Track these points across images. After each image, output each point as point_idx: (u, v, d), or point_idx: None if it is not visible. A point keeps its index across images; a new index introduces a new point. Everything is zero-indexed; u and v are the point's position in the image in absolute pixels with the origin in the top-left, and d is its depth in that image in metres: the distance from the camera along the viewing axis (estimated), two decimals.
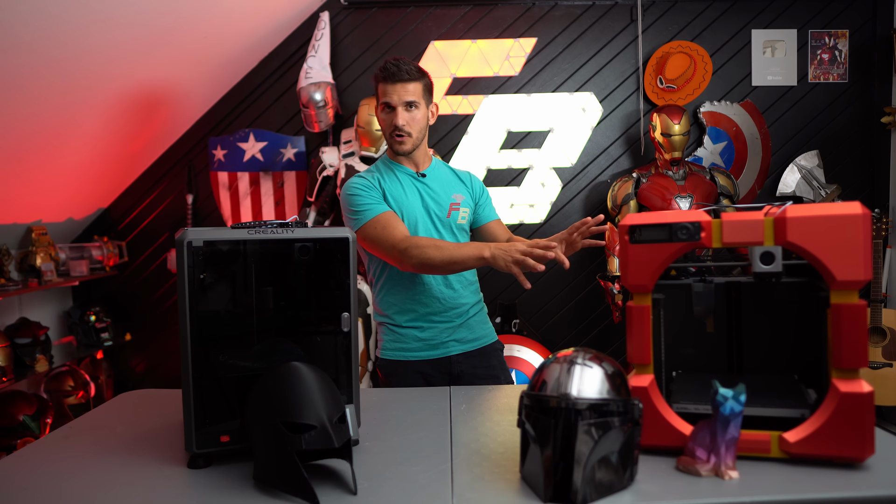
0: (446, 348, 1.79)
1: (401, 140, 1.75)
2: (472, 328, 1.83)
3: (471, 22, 3.57)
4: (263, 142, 3.60)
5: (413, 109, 1.74)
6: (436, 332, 1.78)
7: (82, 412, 2.08)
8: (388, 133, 1.77)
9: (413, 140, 1.76)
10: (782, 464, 1.06)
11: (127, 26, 2.55)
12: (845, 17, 3.54)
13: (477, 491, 1.01)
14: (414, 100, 1.73)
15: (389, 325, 1.81)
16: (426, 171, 1.84)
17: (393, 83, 1.71)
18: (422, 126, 1.78)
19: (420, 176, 1.82)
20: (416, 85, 1.74)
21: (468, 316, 1.82)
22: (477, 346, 1.83)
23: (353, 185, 1.75)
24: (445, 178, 1.87)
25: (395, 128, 1.74)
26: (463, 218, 1.84)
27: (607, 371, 1.01)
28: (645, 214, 1.17)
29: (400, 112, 1.72)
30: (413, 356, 1.78)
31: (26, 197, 3.02)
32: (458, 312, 1.80)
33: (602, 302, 3.60)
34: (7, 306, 3.13)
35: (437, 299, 1.77)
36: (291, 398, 1.04)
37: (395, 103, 1.72)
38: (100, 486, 1.07)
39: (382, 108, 1.76)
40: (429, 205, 1.79)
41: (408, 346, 1.78)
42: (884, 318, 3.13)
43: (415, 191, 1.80)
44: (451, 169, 1.93)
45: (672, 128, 3.16)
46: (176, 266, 1.12)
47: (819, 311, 1.11)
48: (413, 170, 1.82)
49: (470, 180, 1.92)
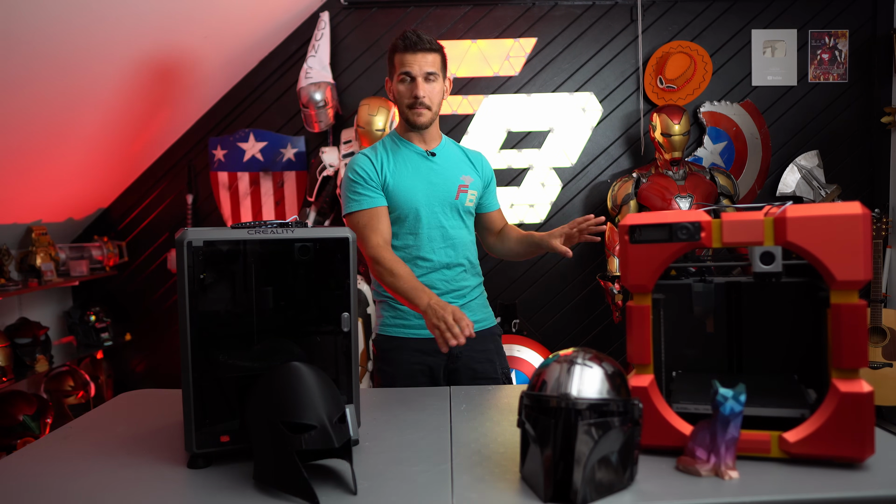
0: None
1: (419, 112, 1.71)
2: (473, 310, 1.81)
3: (471, 22, 3.57)
4: (263, 142, 3.60)
5: (432, 81, 1.72)
6: None
7: (82, 412, 2.08)
8: (406, 104, 1.72)
9: (431, 114, 1.73)
10: (782, 464, 1.06)
11: (127, 26, 2.55)
12: (845, 17, 3.54)
13: (477, 491, 1.01)
14: (434, 71, 1.71)
15: (390, 303, 1.79)
16: (436, 149, 1.80)
17: (413, 52, 1.68)
18: (439, 100, 1.76)
19: (430, 155, 1.78)
20: (436, 56, 1.72)
21: (469, 298, 1.81)
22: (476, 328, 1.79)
23: (355, 165, 1.74)
24: (455, 157, 1.83)
25: (415, 99, 1.70)
26: (471, 201, 1.81)
27: (607, 371, 1.01)
28: (645, 214, 1.17)
29: (420, 83, 1.69)
30: (413, 333, 1.76)
31: (26, 197, 3.02)
32: (460, 294, 1.79)
33: (602, 302, 3.60)
34: (7, 306, 3.13)
35: (441, 281, 1.76)
36: (291, 398, 1.04)
37: (416, 73, 1.69)
38: (100, 486, 1.07)
39: (400, 79, 1.72)
40: (436, 186, 1.76)
41: (408, 323, 1.77)
42: (884, 318, 3.13)
43: (422, 171, 1.76)
44: (461, 148, 1.88)
45: (672, 128, 3.16)
46: (176, 266, 1.12)
47: (819, 311, 1.11)
48: (422, 148, 1.79)
49: (481, 162, 1.88)
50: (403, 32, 1.71)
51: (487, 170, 1.90)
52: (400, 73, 1.71)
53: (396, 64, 1.72)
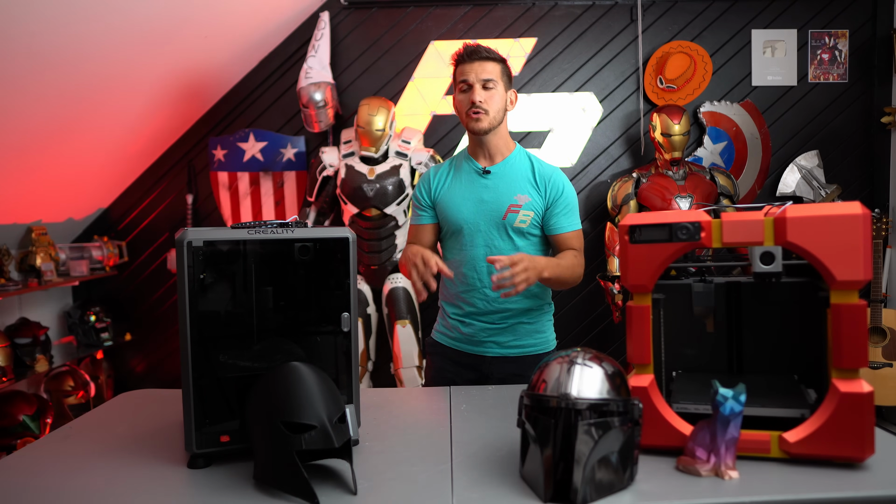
0: (484, 347, 1.78)
1: (477, 116, 1.70)
2: (518, 335, 1.77)
3: (471, 22, 3.57)
4: (263, 142, 3.60)
5: (490, 88, 1.71)
6: (476, 331, 1.78)
7: (82, 412, 2.08)
8: (465, 112, 1.72)
9: (490, 119, 1.71)
10: (782, 464, 1.06)
11: (127, 26, 2.55)
12: (845, 17, 3.54)
13: (477, 491, 1.01)
14: (492, 78, 1.70)
15: (443, 311, 1.87)
16: (496, 166, 1.77)
17: (471, 61, 1.71)
18: (500, 107, 1.73)
19: (484, 173, 1.77)
20: (495, 65, 1.72)
21: (516, 321, 1.77)
22: (518, 352, 1.77)
23: (420, 181, 1.87)
24: (516, 174, 1.77)
25: (471, 104, 1.70)
26: (522, 221, 1.73)
27: (607, 371, 1.01)
28: (645, 214, 1.17)
29: (477, 89, 1.70)
30: (454, 345, 1.81)
31: (26, 197, 3.02)
32: (503, 316, 1.76)
33: (602, 302, 3.60)
34: (7, 306, 3.13)
35: (482, 300, 1.76)
36: (291, 398, 1.04)
37: (473, 81, 1.70)
38: (100, 486, 1.07)
39: (461, 89, 1.73)
40: (486, 204, 1.74)
41: (451, 335, 1.82)
42: (884, 318, 3.13)
43: (475, 188, 1.76)
44: (532, 164, 1.79)
45: (672, 128, 3.16)
46: (176, 266, 1.12)
47: (819, 311, 1.11)
48: (483, 164, 1.78)
49: (547, 181, 1.76)
50: (463, 45, 1.75)
51: (554, 188, 1.76)
52: (459, 82, 1.73)
53: (457, 75, 1.75)
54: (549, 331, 1.85)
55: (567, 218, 1.77)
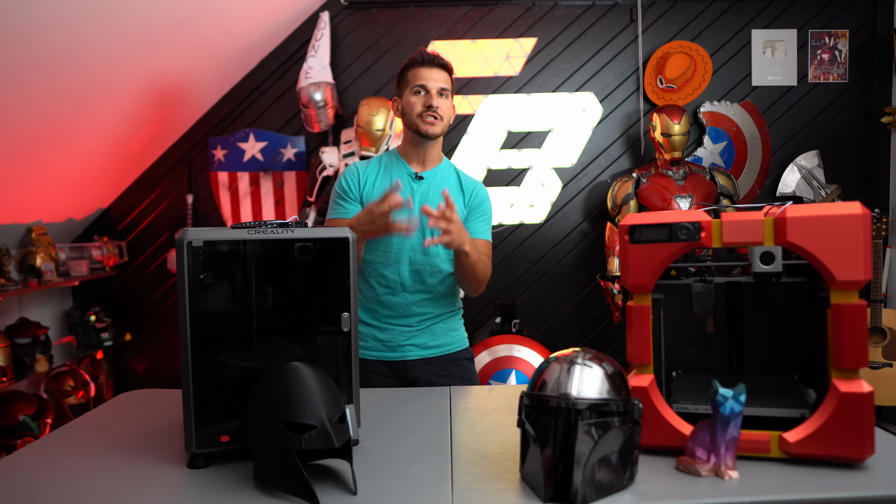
0: (403, 352, 1.77)
1: (433, 121, 1.72)
2: (435, 335, 1.80)
3: (471, 22, 3.57)
4: (263, 142, 3.60)
5: (444, 97, 1.74)
6: (394, 335, 1.76)
7: (82, 412, 2.08)
8: (419, 113, 1.72)
9: (443, 126, 1.75)
10: (782, 464, 1.06)
11: (127, 26, 2.55)
12: (845, 17, 3.54)
13: (477, 491, 1.01)
14: (447, 87, 1.75)
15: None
16: (428, 172, 1.80)
17: (430, 67, 1.73)
18: (449, 116, 1.77)
19: (417, 178, 1.79)
20: (447, 76, 1.76)
21: (431, 322, 1.79)
22: (438, 353, 1.80)
23: (342, 176, 1.80)
24: (446, 182, 1.81)
25: (428, 107, 1.71)
26: None
27: (607, 371, 1.01)
28: (645, 214, 1.17)
29: (434, 95, 1.72)
30: (370, 355, 1.77)
31: (26, 197, 3.02)
32: (420, 319, 1.77)
33: (602, 302, 3.60)
34: (7, 306, 3.13)
35: (399, 304, 1.75)
36: (291, 398, 1.04)
37: (431, 87, 1.72)
38: (100, 486, 1.07)
39: (414, 91, 1.74)
40: (415, 209, 1.75)
41: (366, 345, 1.77)
42: (884, 318, 3.13)
43: (405, 192, 1.76)
44: (458, 175, 1.84)
45: (672, 128, 3.16)
46: (176, 266, 1.12)
47: (819, 311, 1.11)
48: (415, 169, 1.79)
49: (472, 189, 1.83)
50: (418, 50, 1.77)
51: (477, 197, 1.81)
52: (414, 86, 1.74)
53: (410, 78, 1.75)
54: (461, 329, 1.89)
55: (482, 225, 1.82)
